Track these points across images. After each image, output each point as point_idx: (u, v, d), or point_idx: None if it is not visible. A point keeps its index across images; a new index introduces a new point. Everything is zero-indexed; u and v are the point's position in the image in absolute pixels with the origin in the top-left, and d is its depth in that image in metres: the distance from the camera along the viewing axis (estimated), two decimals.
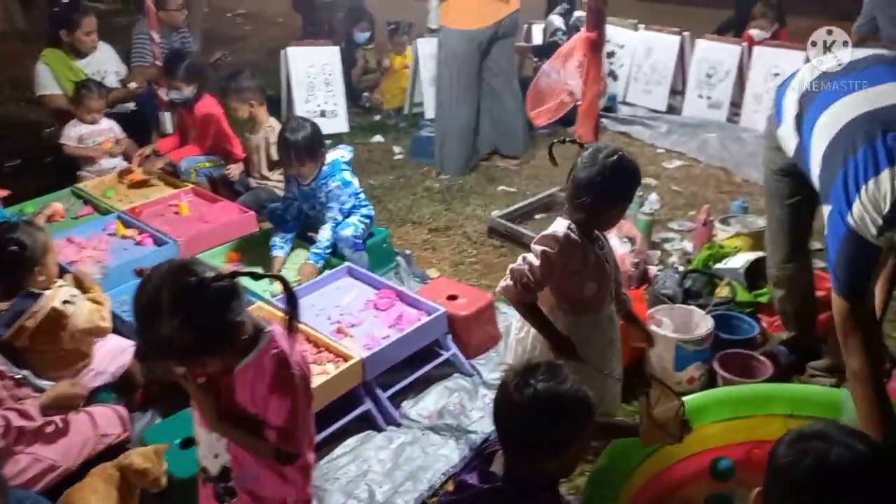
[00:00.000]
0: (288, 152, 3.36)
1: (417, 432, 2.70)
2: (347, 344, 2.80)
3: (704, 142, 5.28)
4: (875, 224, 1.92)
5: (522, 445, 1.65)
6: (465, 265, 3.89)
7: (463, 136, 4.85)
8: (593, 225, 2.26)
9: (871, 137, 1.97)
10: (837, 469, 1.29)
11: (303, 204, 3.55)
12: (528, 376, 1.64)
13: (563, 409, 1.62)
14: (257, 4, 10.79)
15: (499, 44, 4.75)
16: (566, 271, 2.22)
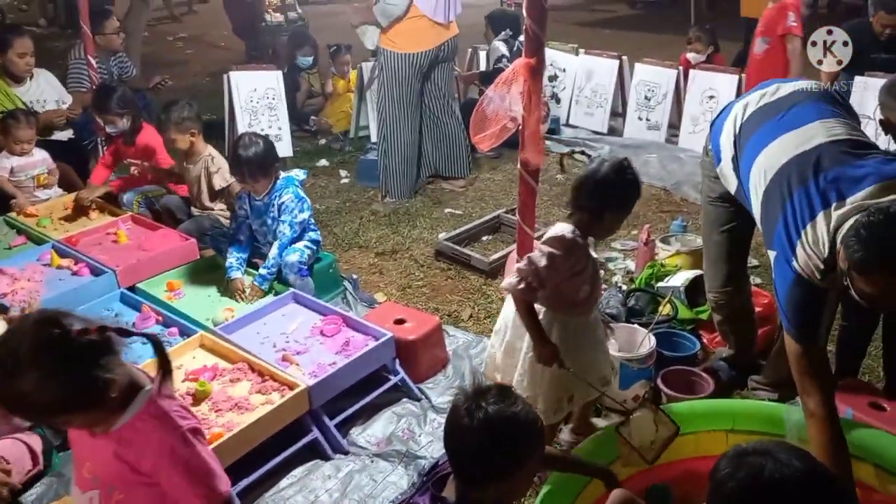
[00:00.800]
0: (240, 168, 3.34)
1: (366, 460, 2.67)
2: (293, 372, 2.76)
3: (645, 162, 5.40)
4: (818, 269, 1.97)
5: (474, 469, 1.64)
6: (413, 288, 3.88)
7: (406, 160, 4.86)
8: (592, 230, 2.30)
9: (803, 181, 2.03)
10: (769, 484, 1.31)
11: (253, 221, 3.51)
12: (479, 399, 1.64)
13: (514, 432, 1.62)
14: (199, 28, 10.70)
15: (439, 67, 4.80)
16: (568, 273, 2.26)
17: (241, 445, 2.45)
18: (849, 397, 2.54)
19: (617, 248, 4.17)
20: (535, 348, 2.25)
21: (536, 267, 2.19)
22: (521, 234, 2.53)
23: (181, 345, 2.92)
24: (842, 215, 1.93)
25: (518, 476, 1.65)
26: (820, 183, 2.00)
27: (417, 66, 4.67)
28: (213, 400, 2.63)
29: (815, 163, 2.04)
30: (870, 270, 1.79)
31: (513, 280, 2.21)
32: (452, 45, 4.81)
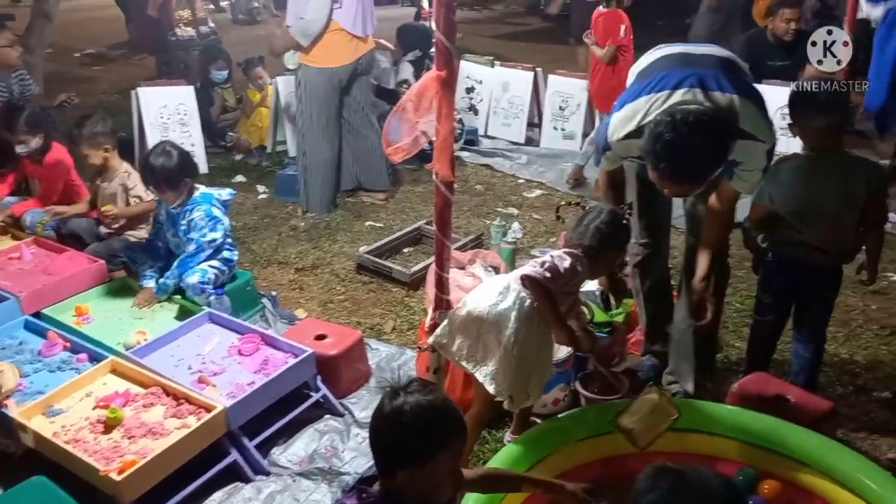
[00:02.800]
0: (146, 175, 3.31)
1: (288, 479, 2.62)
2: (209, 394, 2.69)
3: (562, 171, 5.53)
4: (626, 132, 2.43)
5: (389, 456, 1.69)
6: (335, 303, 3.84)
7: (326, 173, 4.82)
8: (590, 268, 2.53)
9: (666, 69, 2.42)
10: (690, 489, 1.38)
11: (168, 229, 3.43)
12: (401, 390, 1.71)
13: (426, 418, 1.67)
14: (107, 44, 10.36)
15: (357, 81, 4.80)
16: (566, 288, 2.46)
17: (156, 472, 2.37)
18: (757, 390, 2.66)
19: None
20: (556, 330, 2.44)
21: (558, 267, 2.40)
22: (439, 245, 2.54)
23: (91, 371, 2.81)
24: (661, 99, 2.31)
25: (434, 464, 1.67)
26: (663, 74, 2.37)
27: (337, 79, 4.66)
28: (126, 427, 2.54)
29: (673, 59, 2.45)
30: (647, 162, 2.27)
31: (539, 269, 2.39)
32: (369, 58, 4.84)
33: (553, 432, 2.45)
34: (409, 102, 2.47)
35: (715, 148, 2.22)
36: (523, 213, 4.91)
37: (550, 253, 2.54)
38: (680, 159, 2.19)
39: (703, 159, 2.22)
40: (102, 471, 2.29)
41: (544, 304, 2.44)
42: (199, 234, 3.32)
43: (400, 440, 1.66)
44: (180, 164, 3.30)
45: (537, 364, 2.55)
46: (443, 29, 2.25)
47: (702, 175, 2.27)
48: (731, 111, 2.29)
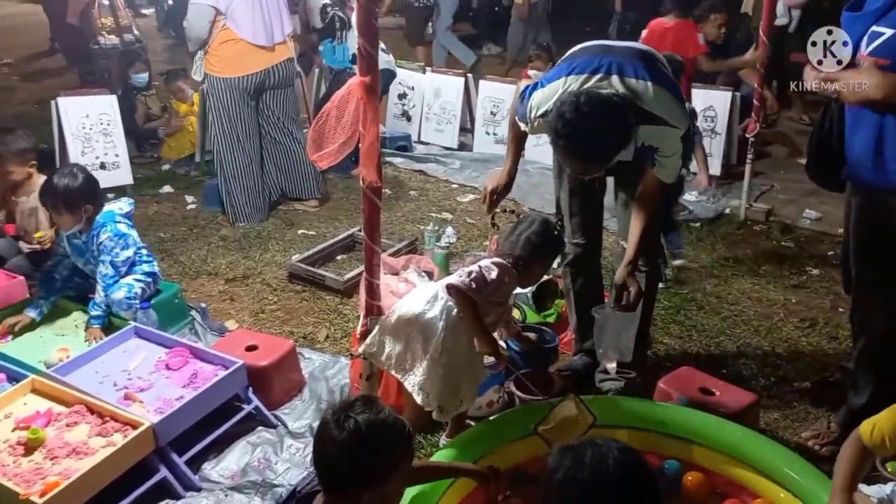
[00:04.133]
0: (48, 197, 3.15)
1: (220, 494, 2.57)
2: (136, 410, 2.62)
3: (492, 175, 5.57)
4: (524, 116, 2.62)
5: (343, 480, 1.68)
6: (267, 313, 3.79)
7: (246, 185, 4.75)
8: (521, 278, 2.61)
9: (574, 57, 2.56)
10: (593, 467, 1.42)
11: (77, 260, 3.29)
12: (347, 410, 1.70)
13: (384, 437, 1.69)
14: (26, 53, 9.98)
15: (271, 93, 4.71)
16: (491, 297, 2.51)
17: (81, 492, 2.30)
18: (680, 383, 2.74)
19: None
20: (480, 340, 2.50)
21: (485, 277, 2.46)
22: (368, 251, 2.54)
23: (10, 391, 2.70)
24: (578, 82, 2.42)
25: (390, 481, 1.70)
26: (586, 59, 2.49)
27: (241, 89, 4.57)
28: (48, 447, 2.45)
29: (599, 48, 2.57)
30: (552, 140, 2.39)
31: (465, 279, 2.45)
32: (285, 70, 4.71)
33: (486, 434, 2.47)
34: (332, 109, 2.47)
35: (613, 131, 2.32)
36: (457, 217, 4.94)
37: (479, 262, 2.57)
38: (578, 138, 2.31)
39: (600, 141, 2.32)
40: (23, 494, 2.21)
41: (467, 314, 2.48)
42: (111, 257, 3.21)
43: (358, 462, 1.65)
44: (83, 188, 3.16)
45: (468, 371, 2.58)
46: (366, 35, 2.26)
47: (600, 156, 2.38)
48: (645, 96, 2.41)
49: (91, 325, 3.14)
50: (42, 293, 3.22)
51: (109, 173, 5.10)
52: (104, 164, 5.13)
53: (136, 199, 4.90)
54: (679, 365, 3.04)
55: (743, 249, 4.41)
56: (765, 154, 5.69)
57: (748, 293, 3.91)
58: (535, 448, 2.47)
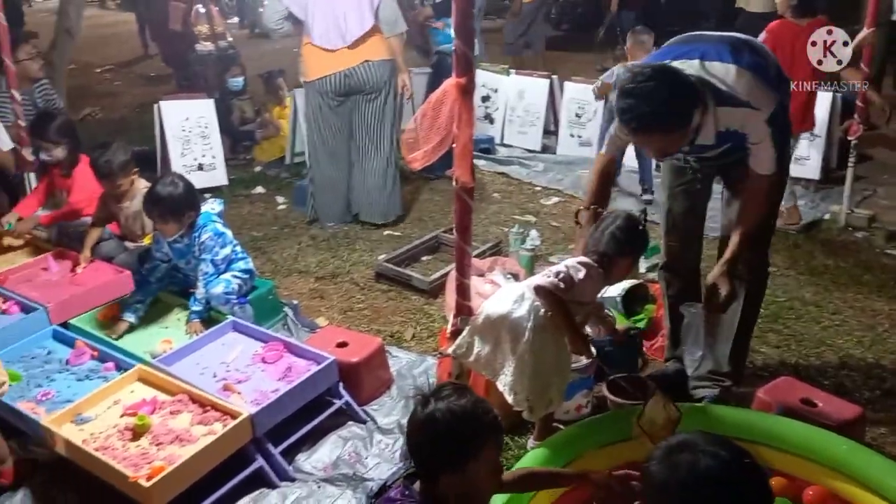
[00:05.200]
0: (153, 207, 3.24)
1: (313, 485, 2.63)
2: (235, 401, 2.72)
3: (579, 178, 5.53)
4: None
5: (430, 461, 1.71)
6: (355, 311, 3.87)
7: (331, 189, 4.81)
8: (607, 275, 2.57)
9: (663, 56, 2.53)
10: (707, 478, 1.37)
11: (178, 261, 3.41)
12: (434, 395, 1.74)
13: (463, 422, 1.70)
14: (127, 60, 10.52)
15: (360, 97, 4.63)
16: (581, 297, 2.50)
17: (184, 478, 2.39)
18: (780, 394, 2.65)
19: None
20: (570, 340, 2.51)
21: (573, 276, 2.46)
22: (460, 252, 2.56)
23: (118, 379, 2.85)
24: None
25: (473, 468, 1.69)
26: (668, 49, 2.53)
27: (322, 92, 4.60)
28: (154, 434, 2.57)
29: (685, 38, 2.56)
30: (618, 119, 2.38)
31: (553, 279, 2.45)
32: (368, 71, 4.54)
33: (577, 437, 2.45)
34: (428, 109, 2.50)
35: (672, 94, 2.29)
36: (541, 220, 4.92)
37: (566, 262, 2.55)
38: (637, 105, 2.28)
39: (658, 103, 2.27)
40: (132, 477, 2.32)
41: (558, 315, 2.47)
42: (211, 255, 3.33)
43: (435, 447, 1.69)
44: (185, 195, 3.26)
45: (556, 371, 2.57)
46: (462, 36, 2.28)
47: (663, 121, 2.33)
48: (726, 78, 2.37)
49: (192, 319, 3.28)
50: (139, 297, 3.34)
51: (206, 174, 5.32)
52: (202, 165, 5.36)
53: (230, 200, 5.16)
54: (776, 375, 2.94)
55: (843, 257, 4.22)
56: (867, 157, 5.43)
57: (850, 302, 3.74)
58: (627, 453, 2.43)
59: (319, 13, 4.44)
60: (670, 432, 2.29)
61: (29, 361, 3.06)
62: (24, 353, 3.10)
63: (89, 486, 2.53)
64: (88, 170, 4.03)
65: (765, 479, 1.44)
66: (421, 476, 1.76)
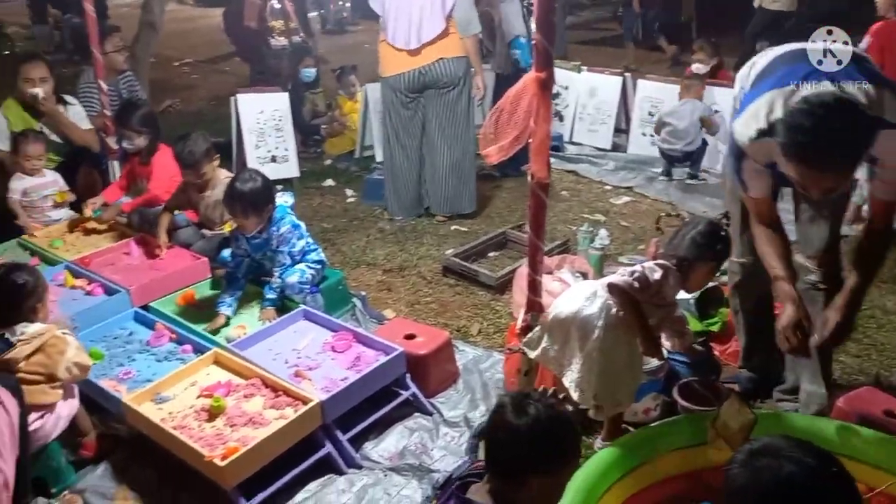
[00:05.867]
0: (234, 203, 3.28)
1: (379, 474, 2.67)
2: (306, 387, 2.77)
3: (650, 178, 5.44)
4: (747, 136, 2.25)
5: (517, 465, 1.71)
6: (421, 304, 3.90)
7: (403, 181, 4.87)
8: (685, 281, 2.56)
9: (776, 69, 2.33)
10: (790, 485, 1.33)
11: (255, 254, 3.48)
12: (526, 398, 1.75)
13: (562, 428, 1.73)
14: (204, 53, 10.82)
15: (433, 93, 4.68)
16: (656, 300, 2.49)
17: (256, 460, 2.46)
18: (861, 404, 2.55)
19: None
20: (642, 341, 2.50)
21: (647, 277, 2.45)
22: (532, 248, 2.55)
23: (195, 362, 2.94)
24: (787, 94, 2.17)
25: (559, 474, 1.72)
26: (787, 70, 2.25)
27: (394, 88, 4.68)
28: (228, 415, 2.64)
29: (794, 55, 2.31)
30: (787, 155, 2.05)
31: (628, 279, 2.45)
32: (442, 68, 4.59)
33: (649, 440, 2.40)
34: (505, 105, 2.50)
35: (858, 130, 2.02)
36: (610, 219, 4.85)
37: (643, 263, 2.52)
38: (822, 144, 1.98)
39: (846, 142, 2.00)
40: (207, 456, 2.39)
41: (630, 314, 2.44)
42: (289, 247, 3.40)
43: (534, 448, 1.69)
44: (265, 189, 3.32)
45: (627, 372, 2.54)
46: (543, 30, 2.27)
47: (847, 161, 2.05)
48: (868, 101, 2.12)
49: (265, 307, 3.36)
50: (231, 292, 3.41)
51: (279, 166, 5.44)
52: (275, 157, 5.48)
53: (301, 192, 5.27)
54: (855, 385, 2.84)
55: None
56: None
57: None
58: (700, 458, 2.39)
59: (395, 13, 4.52)
60: (745, 437, 2.25)
61: (111, 341, 3.19)
62: (106, 333, 3.23)
63: (165, 463, 2.63)
64: (166, 158, 4.17)
65: (854, 489, 1.37)
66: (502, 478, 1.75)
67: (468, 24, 4.62)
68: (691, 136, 5.27)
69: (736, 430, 2.25)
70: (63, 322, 2.74)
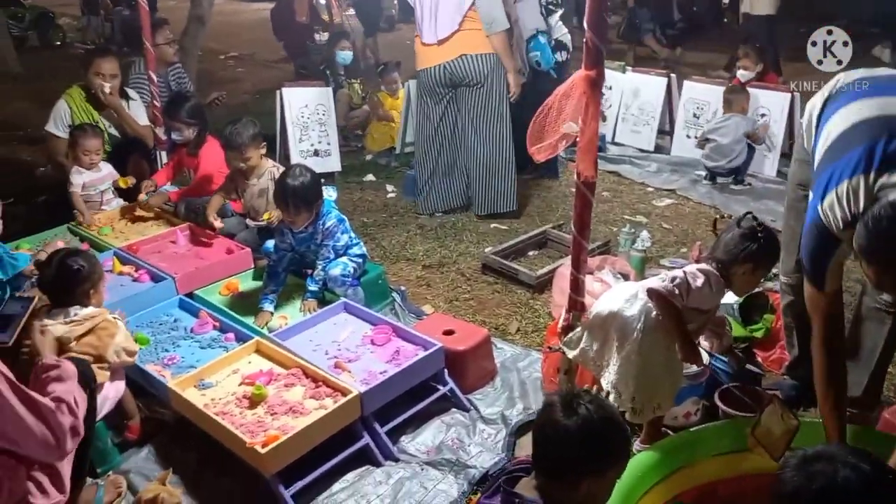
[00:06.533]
0: (286, 199, 3.29)
1: (416, 467, 2.68)
2: (345, 379, 2.80)
3: (693, 181, 5.37)
4: (841, 219, 2.03)
5: (566, 465, 1.70)
6: (460, 301, 3.90)
7: (436, 178, 4.90)
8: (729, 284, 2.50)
9: (873, 139, 2.02)
10: (845, 490, 1.30)
11: (299, 247, 3.51)
12: (576, 398, 1.74)
13: (612, 429, 1.72)
14: (249, 48, 10.97)
15: (464, 90, 4.68)
16: (697, 305, 2.45)
17: (296, 448, 2.49)
18: None
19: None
20: (681, 347, 2.46)
21: (689, 284, 2.41)
22: (576, 247, 2.54)
23: (238, 350, 2.99)
24: (883, 185, 1.95)
25: (608, 475, 1.71)
26: (889, 146, 1.99)
27: (426, 83, 4.75)
28: (269, 403, 2.68)
29: (893, 128, 2.02)
30: (866, 259, 1.91)
31: (669, 284, 2.41)
32: (467, 64, 4.57)
33: (688, 444, 2.38)
34: (554, 102, 2.49)
35: None
36: (652, 221, 4.81)
37: (685, 268, 2.49)
38: None
39: None
40: (249, 443, 2.43)
41: (670, 321, 2.42)
42: (334, 241, 3.43)
43: (588, 450, 1.68)
44: (314, 184, 3.35)
45: (666, 375, 2.51)
46: (594, 27, 2.25)
47: None
48: None
49: (307, 299, 3.40)
50: (272, 287, 3.44)
51: (322, 160, 5.49)
52: (317, 151, 5.54)
53: (342, 186, 5.30)
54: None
55: None
56: None
57: None
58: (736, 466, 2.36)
59: (421, 8, 4.60)
60: (787, 444, 2.22)
61: (157, 327, 3.26)
62: (152, 319, 3.30)
63: (207, 448, 2.68)
64: (213, 149, 4.24)
65: None
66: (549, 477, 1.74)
67: (492, 21, 4.55)
68: (736, 152, 5.19)
69: (778, 437, 2.22)
70: (120, 313, 2.81)
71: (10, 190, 5.13)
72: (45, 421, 1.97)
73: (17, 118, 7.43)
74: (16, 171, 5.79)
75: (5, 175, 5.57)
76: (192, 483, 2.64)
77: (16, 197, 5.02)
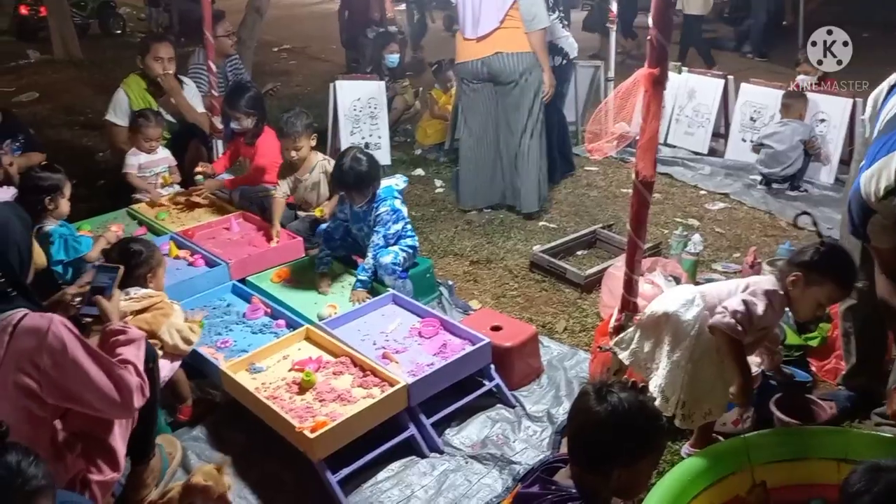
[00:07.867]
0: (342, 181, 3.44)
1: (461, 460, 2.70)
2: (393, 369, 2.82)
3: (748, 185, 5.27)
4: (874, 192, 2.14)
5: (597, 453, 1.70)
6: (507, 298, 3.90)
7: (473, 172, 4.91)
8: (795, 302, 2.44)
9: None
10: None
11: (352, 225, 3.60)
12: (609, 387, 1.74)
13: (643, 418, 1.71)
14: (301, 41, 11.10)
15: (502, 88, 4.66)
16: (758, 325, 2.39)
17: (344, 435, 2.52)
18: None
19: (718, 270, 4.08)
20: (738, 384, 2.37)
21: (752, 312, 2.34)
22: (632, 246, 2.52)
23: (288, 336, 3.04)
24: None
25: (641, 465, 1.70)
26: None
27: (463, 77, 4.78)
28: (318, 390, 2.72)
29: None
30: None
31: (730, 321, 2.32)
32: (502, 62, 4.55)
33: (737, 451, 2.34)
34: (613, 100, 2.48)
35: None
36: (704, 225, 4.73)
37: (748, 289, 2.42)
38: None
39: None
40: (298, 428, 2.46)
41: (732, 360, 2.37)
42: (384, 229, 3.47)
43: (620, 437, 1.68)
44: (370, 169, 3.44)
45: (718, 382, 2.46)
46: (659, 25, 2.23)
47: None
48: None
49: (356, 288, 3.43)
50: (326, 250, 3.61)
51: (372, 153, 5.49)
52: (368, 144, 5.58)
53: None
54: None
55: None
56: None
57: None
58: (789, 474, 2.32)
59: (463, 4, 4.60)
60: None
61: (210, 311, 3.32)
62: (206, 303, 3.37)
63: (256, 431, 2.73)
64: (270, 140, 4.31)
65: None
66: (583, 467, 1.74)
67: (533, 18, 4.51)
68: (791, 159, 5.07)
69: None
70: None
71: (72, 173, 5.24)
72: (112, 377, 2.05)
73: (79, 104, 7.66)
74: (78, 155, 5.97)
75: (69, 159, 5.73)
76: (239, 465, 2.69)
77: (77, 180, 5.18)
